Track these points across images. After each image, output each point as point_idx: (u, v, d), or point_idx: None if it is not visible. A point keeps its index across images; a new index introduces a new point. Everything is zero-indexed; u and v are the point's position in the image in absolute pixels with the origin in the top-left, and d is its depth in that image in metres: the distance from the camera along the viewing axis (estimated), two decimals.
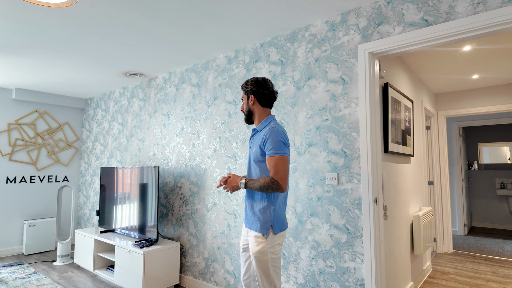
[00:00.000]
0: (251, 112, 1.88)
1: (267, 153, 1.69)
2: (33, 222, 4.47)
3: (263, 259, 1.69)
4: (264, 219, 1.72)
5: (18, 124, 4.51)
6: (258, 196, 1.77)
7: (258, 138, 1.80)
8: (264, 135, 1.72)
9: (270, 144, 1.67)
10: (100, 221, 3.92)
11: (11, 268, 3.82)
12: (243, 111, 1.92)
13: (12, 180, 4.44)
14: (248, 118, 1.90)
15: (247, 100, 1.88)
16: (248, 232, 1.80)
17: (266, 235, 1.70)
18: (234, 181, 1.76)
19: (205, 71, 3.22)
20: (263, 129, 1.81)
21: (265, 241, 1.70)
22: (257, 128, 1.87)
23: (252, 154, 1.82)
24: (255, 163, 1.79)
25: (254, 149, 1.80)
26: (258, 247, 1.71)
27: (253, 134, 1.90)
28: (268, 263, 1.69)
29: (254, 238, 1.74)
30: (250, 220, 1.79)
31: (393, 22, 2.03)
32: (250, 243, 1.76)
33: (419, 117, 3.68)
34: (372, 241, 2.03)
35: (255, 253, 1.72)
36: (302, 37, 2.49)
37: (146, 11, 2.26)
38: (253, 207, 1.78)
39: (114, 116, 4.48)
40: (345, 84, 2.23)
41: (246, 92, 1.88)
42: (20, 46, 2.91)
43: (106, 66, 3.47)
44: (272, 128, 1.71)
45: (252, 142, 1.86)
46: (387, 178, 2.59)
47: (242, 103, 1.94)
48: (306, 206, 2.38)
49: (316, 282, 2.29)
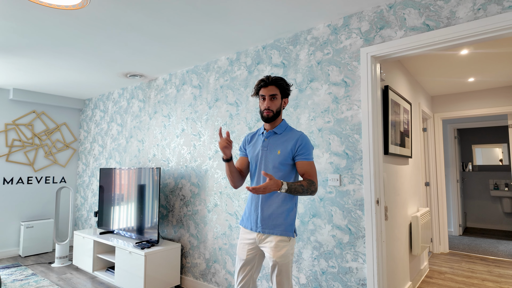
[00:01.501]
0: (279, 113, 1.78)
1: (301, 157, 1.70)
2: (30, 224, 4.43)
3: (285, 262, 1.66)
4: (289, 222, 1.70)
5: (15, 125, 4.48)
6: (286, 198, 1.71)
7: (283, 142, 1.75)
8: (297, 140, 1.72)
9: (306, 150, 1.71)
10: (99, 222, 3.90)
11: (8, 270, 3.78)
12: (271, 110, 1.74)
13: (9, 181, 4.40)
14: (274, 118, 1.76)
15: (281, 100, 1.78)
16: (266, 237, 1.70)
17: (292, 237, 1.69)
18: (276, 184, 1.54)
19: (206, 72, 3.24)
20: (284, 132, 1.78)
21: (289, 244, 1.68)
22: (276, 131, 1.78)
23: (276, 157, 1.73)
24: (280, 165, 1.72)
25: (279, 152, 1.73)
26: (281, 252, 1.65)
27: (269, 136, 1.80)
28: (289, 265, 1.68)
29: (277, 243, 1.66)
30: (270, 224, 1.69)
31: (395, 26, 2.07)
32: (270, 248, 1.67)
33: (417, 119, 3.74)
34: (374, 241, 2.06)
35: (279, 258, 1.65)
36: (304, 40, 2.52)
37: (150, 12, 2.27)
38: (276, 209, 1.70)
39: (113, 117, 4.47)
40: (347, 86, 2.26)
41: (284, 92, 1.77)
42: (20, 46, 2.89)
43: (107, 67, 3.46)
44: (304, 134, 1.75)
45: (271, 145, 1.77)
46: (387, 179, 2.63)
47: (272, 101, 1.75)
48: (309, 207, 2.41)
49: (318, 282, 2.31)
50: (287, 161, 1.72)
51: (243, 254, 1.77)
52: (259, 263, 1.81)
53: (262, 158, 1.77)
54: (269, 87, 1.74)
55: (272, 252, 1.66)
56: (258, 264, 1.81)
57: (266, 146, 1.78)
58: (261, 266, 1.82)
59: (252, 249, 1.76)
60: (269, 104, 1.73)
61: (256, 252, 1.77)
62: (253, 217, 1.75)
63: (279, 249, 1.65)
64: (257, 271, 1.82)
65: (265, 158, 1.76)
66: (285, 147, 1.73)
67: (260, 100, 1.77)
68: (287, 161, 1.72)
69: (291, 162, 1.73)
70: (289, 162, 1.73)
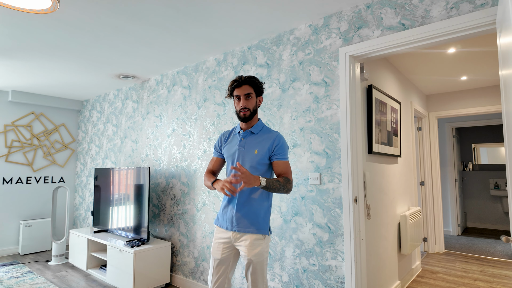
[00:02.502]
0: (255, 112, 1.79)
1: (278, 157, 1.73)
2: (29, 223, 4.53)
3: (260, 260, 1.69)
4: (264, 221, 1.72)
5: (14, 126, 4.58)
6: (262, 197, 1.73)
7: (260, 141, 1.76)
8: (274, 140, 1.74)
9: (282, 150, 1.74)
10: (95, 221, 3.97)
11: (6, 267, 3.88)
12: (248, 109, 1.74)
13: (8, 181, 4.51)
14: (250, 117, 1.76)
15: (256, 99, 1.78)
16: (242, 236, 1.71)
17: (267, 235, 1.72)
18: (254, 176, 1.53)
19: (195, 73, 3.28)
20: (261, 132, 1.79)
21: (264, 242, 1.71)
22: (253, 131, 1.79)
23: (253, 156, 1.74)
24: (257, 165, 1.73)
25: (256, 151, 1.73)
26: (256, 250, 1.68)
27: (245, 136, 1.80)
28: (264, 263, 1.71)
29: (252, 241, 1.68)
30: (246, 223, 1.70)
31: (372, 26, 2.08)
32: (246, 247, 1.69)
33: (408, 118, 3.73)
34: (352, 240, 2.08)
35: (254, 256, 1.67)
36: (287, 40, 2.55)
37: (133, 15, 2.32)
38: (252, 208, 1.71)
39: (108, 118, 4.54)
40: (327, 86, 2.28)
41: (258, 90, 1.78)
42: (13, 49, 2.97)
43: (98, 69, 3.53)
44: (280, 134, 1.78)
45: (248, 144, 1.77)
46: (372, 178, 2.64)
47: (247, 100, 1.74)
48: (291, 205, 2.43)
49: (300, 280, 2.33)
50: (264, 160, 1.74)
51: (218, 254, 1.77)
52: (234, 262, 1.81)
53: (239, 157, 1.78)
54: (243, 86, 1.74)
55: (247, 250, 1.68)
56: (233, 263, 1.81)
57: (243, 145, 1.78)
58: (235, 265, 1.84)
59: (227, 248, 1.77)
60: (245, 103, 1.73)
61: (231, 251, 1.78)
62: (229, 216, 1.76)
63: (254, 248, 1.67)
64: (232, 270, 1.82)
65: (242, 157, 1.77)
66: (262, 147, 1.74)
67: (235, 100, 1.77)
68: (264, 160, 1.74)
69: (267, 162, 1.75)
70: (266, 162, 1.75)
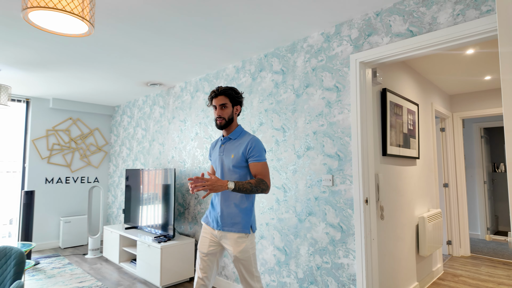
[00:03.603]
0: (232, 120, 1.94)
1: (253, 159, 1.85)
2: (68, 219, 4.95)
3: (246, 256, 1.82)
4: (247, 220, 1.86)
5: (54, 130, 5.03)
6: (241, 198, 1.87)
7: (236, 146, 1.91)
8: (248, 143, 1.87)
9: (257, 152, 1.86)
10: (126, 218, 4.28)
11: (49, 259, 4.28)
12: (223, 118, 1.90)
13: (50, 180, 4.95)
14: (226, 125, 1.92)
15: (233, 108, 1.93)
16: (224, 234, 1.85)
17: (249, 233, 1.86)
18: (220, 181, 1.69)
19: (216, 80, 3.48)
20: (238, 137, 1.95)
21: (248, 240, 1.85)
22: (231, 137, 1.95)
23: (230, 160, 1.89)
24: (234, 168, 1.87)
25: (232, 156, 1.89)
26: (240, 247, 1.81)
27: (224, 142, 1.97)
28: (251, 259, 1.84)
29: (236, 239, 1.82)
30: (229, 222, 1.85)
31: (381, 33, 2.16)
32: (229, 245, 1.83)
33: (428, 120, 3.71)
34: (363, 239, 2.16)
35: (239, 253, 1.81)
36: (301, 48, 2.67)
37: (157, 30, 2.54)
38: (234, 208, 1.85)
39: (138, 122, 4.86)
40: (339, 91, 2.38)
41: (234, 100, 1.93)
42: (53, 62, 3.32)
43: (128, 77, 3.83)
44: (254, 138, 1.90)
45: (226, 150, 1.93)
46: (386, 180, 2.69)
47: (223, 110, 1.90)
48: (305, 205, 2.55)
49: (314, 277, 2.44)
50: (241, 163, 1.87)
51: (204, 248, 1.92)
52: (220, 255, 1.97)
53: (220, 162, 1.95)
54: (219, 97, 1.91)
55: (232, 248, 1.83)
56: (220, 255, 1.97)
57: (223, 151, 1.95)
58: (221, 260, 2.01)
59: (213, 245, 1.92)
60: (220, 113, 1.90)
61: (217, 247, 1.93)
62: (214, 216, 1.92)
63: (238, 245, 1.82)
64: (218, 265, 1.97)
65: (222, 162, 1.93)
66: (237, 151, 1.89)
67: (213, 109, 1.95)
68: (241, 163, 1.87)
69: (245, 165, 1.88)
70: (243, 165, 1.88)
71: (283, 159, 2.74)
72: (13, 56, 3.11)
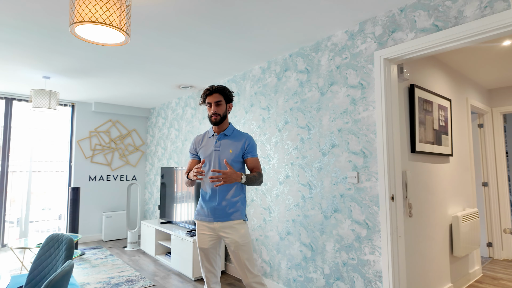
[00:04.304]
0: (225, 117, 2.06)
1: (249, 154, 2.04)
2: (109, 214, 5.33)
3: (246, 241, 1.96)
4: (243, 208, 2.03)
5: (96, 132, 5.43)
6: (237, 189, 2.01)
7: (234, 142, 2.04)
8: (245, 140, 2.05)
9: (253, 148, 2.06)
10: (161, 214, 4.54)
11: (93, 250, 4.65)
12: (218, 114, 2.00)
13: (93, 178, 5.36)
14: (221, 121, 2.02)
15: (226, 106, 2.06)
16: (224, 224, 1.96)
17: (245, 221, 2.02)
18: (235, 174, 1.85)
19: (243, 81, 3.59)
20: (232, 134, 2.08)
21: (245, 226, 2.00)
22: (226, 133, 2.06)
23: (228, 155, 2.01)
24: (232, 163, 2.01)
25: (231, 151, 2.01)
26: (240, 232, 1.95)
27: (220, 138, 2.06)
28: (250, 244, 1.99)
29: (235, 226, 1.96)
30: (227, 212, 1.97)
31: (406, 29, 2.14)
32: (229, 233, 1.94)
33: (463, 116, 3.56)
34: (389, 236, 2.16)
35: (240, 238, 1.93)
36: (325, 46, 2.70)
37: (186, 36, 2.69)
38: (232, 199, 1.98)
39: (171, 123, 5.12)
40: (363, 89, 2.39)
41: (227, 98, 2.05)
42: (94, 69, 3.61)
43: (161, 81, 4.06)
44: (249, 135, 2.09)
45: (223, 145, 2.04)
46: (415, 177, 2.65)
47: (218, 107, 2.00)
48: (330, 202, 2.58)
49: (340, 273, 2.47)
50: (238, 158, 2.04)
51: (205, 244, 2.01)
52: (220, 247, 2.09)
53: (215, 157, 2.04)
54: (214, 94, 2.01)
55: (233, 235, 1.94)
56: (219, 248, 2.08)
57: (219, 146, 2.05)
58: (222, 252, 2.11)
59: (212, 239, 2.00)
60: (216, 109, 2.00)
61: (216, 240, 2.02)
62: (210, 209, 2.00)
63: (238, 231, 1.96)
64: (219, 256, 2.08)
65: (219, 157, 2.04)
66: (235, 146, 2.03)
67: (208, 107, 2.05)
68: (238, 158, 2.04)
69: (241, 160, 2.06)
70: (239, 160, 2.05)
71: (308, 157, 2.79)
72: (60, 65, 3.44)
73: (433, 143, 2.91)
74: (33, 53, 3.08)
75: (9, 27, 2.52)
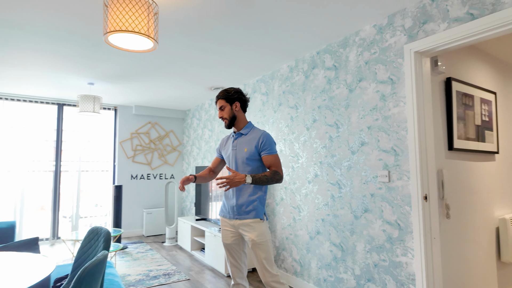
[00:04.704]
0: (235, 117, 2.06)
1: (265, 152, 1.98)
2: (150, 211, 5.63)
3: (263, 240, 1.93)
4: (261, 207, 2.00)
5: (137, 133, 5.77)
6: (255, 188, 1.99)
7: (248, 140, 2.02)
8: (259, 137, 2.00)
9: (269, 145, 1.99)
10: (197, 211, 4.71)
11: (135, 245, 4.96)
12: (225, 118, 2.06)
13: (134, 177, 5.71)
14: (231, 123, 2.06)
15: (230, 107, 2.05)
16: (241, 222, 1.97)
17: (263, 220, 1.98)
18: (238, 177, 1.83)
19: (271, 80, 3.61)
20: (249, 132, 2.07)
21: (263, 225, 1.97)
22: (242, 132, 2.07)
23: (243, 154, 2.01)
24: (247, 161, 2.00)
25: (245, 149, 2.01)
26: (257, 231, 1.93)
27: (237, 137, 2.09)
28: (268, 244, 1.95)
29: (252, 224, 1.94)
30: (245, 210, 1.98)
31: (438, 19, 2.02)
32: (246, 231, 1.95)
33: (511, 109, 3.27)
34: (422, 237, 2.06)
35: (256, 236, 1.92)
36: (353, 42, 2.63)
37: (216, 40, 2.78)
38: (249, 197, 1.97)
39: (205, 124, 5.29)
40: (393, 84, 2.30)
41: (229, 99, 2.05)
42: (134, 75, 3.85)
43: (195, 83, 4.21)
44: (265, 132, 2.04)
45: (239, 144, 2.05)
46: (453, 176, 2.49)
47: (222, 111, 2.06)
48: (360, 202, 2.51)
49: (371, 274, 2.40)
50: (254, 156, 2.00)
51: (227, 239, 2.06)
52: (244, 245, 2.10)
53: (233, 156, 2.07)
54: (217, 103, 2.11)
55: (249, 233, 1.95)
56: (245, 247, 2.10)
57: (235, 146, 2.08)
58: (245, 247, 2.10)
59: (233, 234, 2.05)
60: (220, 114, 2.09)
61: (238, 236, 2.05)
62: (230, 207, 2.04)
63: (255, 229, 1.95)
64: (244, 253, 2.10)
65: (235, 156, 2.06)
66: (250, 145, 2.01)
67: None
68: (254, 156, 2.00)
69: (258, 157, 2.01)
70: (256, 158, 2.01)
71: (337, 155, 2.74)
72: (102, 72, 3.71)
73: (475, 139, 2.71)
74: (78, 62, 3.37)
75: (58, 39, 2.78)
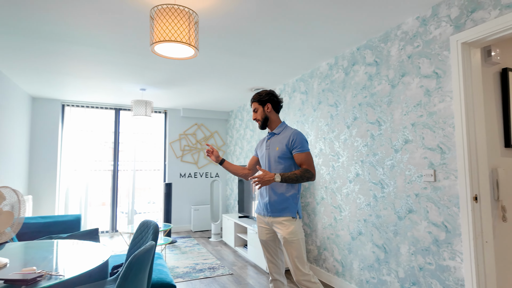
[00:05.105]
0: (268, 118, 2.14)
1: (296, 150, 2.00)
2: (197, 207, 5.93)
3: (295, 238, 1.94)
4: (293, 205, 2.01)
5: (185, 135, 6.10)
6: (288, 186, 2.01)
7: (280, 139, 2.07)
8: (290, 136, 2.03)
9: (299, 143, 2.01)
10: (240, 208, 4.86)
11: (183, 239, 5.26)
12: (258, 119, 2.15)
13: (183, 175, 6.05)
14: (264, 124, 2.14)
15: (263, 108, 2.13)
16: (274, 219, 2.02)
17: (295, 218, 1.98)
18: (268, 176, 1.89)
19: (311, 79, 3.60)
20: (282, 132, 2.11)
21: (295, 223, 1.97)
22: (275, 132, 2.13)
23: (275, 153, 2.06)
24: (279, 159, 2.03)
25: (277, 148, 2.06)
26: (289, 229, 1.95)
27: (270, 137, 2.15)
28: (300, 243, 1.95)
29: (284, 222, 1.97)
30: (277, 208, 2.01)
31: (488, 6, 1.87)
32: (279, 228, 1.98)
33: None
34: (472, 241, 1.93)
35: (288, 234, 1.94)
36: (394, 36, 2.53)
37: (253, 42, 2.86)
38: (281, 196, 2.00)
39: (247, 124, 5.42)
40: (438, 78, 2.17)
41: (261, 102, 2.13)
42: (179, 80, 4.09)
43: (236, 85, 4.35)
44: (296, 131, 2.07)
45: (272, 144, 2.11)
46: (509, 175, 2.28)
47: (255, 113, 2.16)
48: (404, 202, 2.41)
49: (416, 278, 2.30)
50: (286, 155, 2.03)
51: (262, 236, 2.13)
52: (280, 242, 2.12)
53: (266, 156, 2.13)
54: (252, 105, 2.20)
55: (281, 230, 1.98)
56: (279, 243, 2.13)
57: (269, 145, 2.15)
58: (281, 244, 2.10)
59: (268, 231, 2.11)
60: (254, 116, 2.19)
61: (272, 232, 2.11)
62: (264, 204, 2.09)
63: (287, 228, 1.97)
64: (280, 249, 2.13)
65: (268, 155, 2.12)
66: (281, 143, 2.05)
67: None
68: (286, 155, 2.03)
69: (290, 155, 2.04)
70: (288, 156, 2.04)
71: (379, 154, 2.66)
72: (152, 78, 4.01)
73: None
74: (131, 71, 3.68)
75: (115, 51, 3.08)
